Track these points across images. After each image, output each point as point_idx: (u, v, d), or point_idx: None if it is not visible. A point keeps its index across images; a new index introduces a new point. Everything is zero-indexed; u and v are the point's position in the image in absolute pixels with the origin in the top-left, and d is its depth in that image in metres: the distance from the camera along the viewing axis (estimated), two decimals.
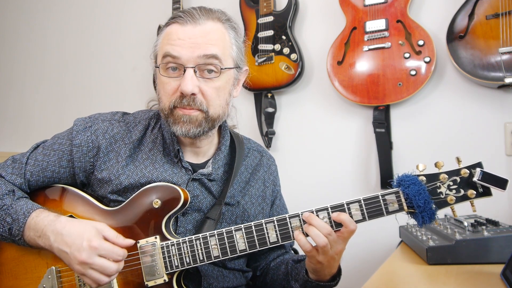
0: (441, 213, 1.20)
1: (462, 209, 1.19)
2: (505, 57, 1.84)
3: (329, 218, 1.10)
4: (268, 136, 2.40)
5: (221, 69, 1.18)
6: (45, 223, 1.16)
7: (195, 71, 1.16)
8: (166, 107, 1.20)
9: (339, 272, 1.22)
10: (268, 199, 1.41)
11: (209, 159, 1.33)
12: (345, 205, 1.10)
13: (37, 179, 1.28)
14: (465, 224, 1.37)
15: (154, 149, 1.29)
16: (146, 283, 1.18)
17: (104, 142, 1.27)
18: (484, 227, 1.33)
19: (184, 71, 1.16)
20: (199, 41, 1.16)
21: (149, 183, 1.23)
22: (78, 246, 1.09)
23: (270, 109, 2.40)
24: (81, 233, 1.11)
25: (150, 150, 1.29)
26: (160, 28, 1.29)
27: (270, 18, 2.34)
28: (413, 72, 2.04)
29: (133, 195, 1.22)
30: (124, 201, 1.23)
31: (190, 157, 1.31)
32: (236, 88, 1.29)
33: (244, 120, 2.48)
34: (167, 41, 1.19)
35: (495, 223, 1.40)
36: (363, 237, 2.19)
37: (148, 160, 1.27)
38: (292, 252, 1.48)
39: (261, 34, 2.35)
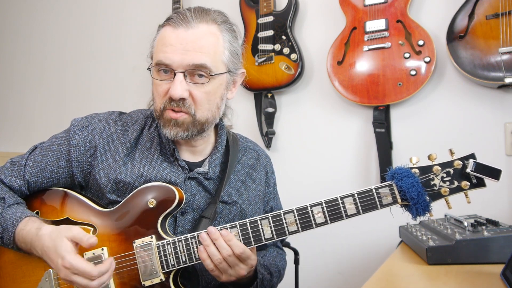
0: (439, 211, 1.20)
1: (460, 207, 1.19)
2: (505, 57, 1.84)
3: (323, 213, 1.11)
4: (268, 136, 2.40)
5: (210, 75, 1.19)
6: (30, 238, 1.16)
7: (185, 76, 1.17)
8: (158, 108, 1.22)
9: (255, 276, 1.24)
10: (264, 198, 1.43)
11: (206, 158, 1.33)
12: (339, 199, 1.11)
13: (36, 180, 1.28)
14: (465, 224, 1.37)
15: (151, 148, 1.29)
16: (142, 283, 1.17)
17: (101, 141, 1.27)
18: (484, 227, 1.33)
19: (175, 75, 1.17)
20: (189, 47, 1.16)
21: (147, 181, 1.24)
22: (56, 264, 1.10)
23: (270, 109, 2.40)
24: (56, 249, 1.10)
25: (148, 149, 1.29)
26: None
27: (270, 18, 2.34)
28: (413, 72, 2.04)
29: (129, 195, 1.23)
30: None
31: (186, 156, 1.32)
32: (231, 90, 1.30)
33: (244, 120, 2.48)
34: (160, 47, 1.20)
35: (495, 223, 1.40)
36: (363, 237, 2.19)
37: (145, 159, 1.28)
38: (275, 248, 1.48)
39: (261, 34, 2.35)
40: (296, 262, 1.91)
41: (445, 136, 2.09)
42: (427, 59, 2.02)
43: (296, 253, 1.90)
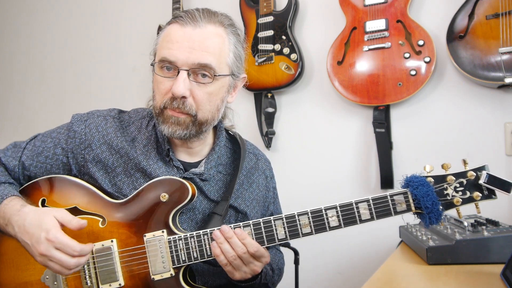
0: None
1: (464, 210, 1.19)
2: (505, 57, 1.84)
3: (338, 217, 1.12)
4: (268, 136, 2.40)
5: (214, 75, 1.19)
6: (11, 213, 1.16)
7: (188, 74, 1.17)
8: (158, 106, 1.22)
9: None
10: (265, 203, 1.43)
11: (203, 159, 1.33)
12: (354, 204, 1.12)
13: (30, 163, 1.30)
14: (465, 224, 1.37)
15: (148, 145, 1.30)
16: (152, 276, 1.18)
17: (97, 135, 1.29)
18: (484, 227, 1.33)
19: (178, 72, 1.17)
20: (195, 46, 1.16)
21: (145, 176, 1.25)
22: (37, 237, 1.09)
23: (270, 109, 2.40)
24: (40, 224, 1.10)
25: (145, 146, 1.30)
26: (160, 28, 1.30)
27: (270, 18, 2.34)
28: (413, 72, 2.04)
29: (140, 188, 1.23)
30: (123, 196, 1.24)
31: (183, 156, 1.32)
32: (231, 94, 1.30)
33: (244, 120, 2.48)
34: (166, 43, 1.19)
35: (495, 223, 1.40)
36: (363, 237, 2.19)
37: (142, 155, 1.28)
38: (273, 248, 1.48)
39: (261, 34, 2.35)
40: (296, 262, 1.91)
41: (445, 136, 2.09)
42: (427, 59, 2.02)
43: (296, 253, 1.90)
